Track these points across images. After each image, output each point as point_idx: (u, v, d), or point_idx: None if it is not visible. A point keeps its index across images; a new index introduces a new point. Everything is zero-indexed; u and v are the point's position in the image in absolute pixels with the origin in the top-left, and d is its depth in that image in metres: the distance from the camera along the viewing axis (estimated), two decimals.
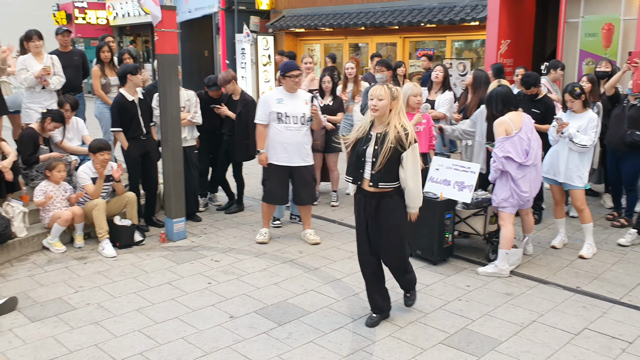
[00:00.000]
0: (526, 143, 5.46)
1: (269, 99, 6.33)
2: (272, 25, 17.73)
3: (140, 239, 6.48)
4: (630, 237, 6.41)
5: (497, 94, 5.66)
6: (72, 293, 5.19)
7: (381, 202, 4.38)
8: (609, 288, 5.34)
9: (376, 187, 4.34)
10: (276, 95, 6.36)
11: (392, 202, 4.38)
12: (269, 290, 5.28)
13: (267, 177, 6.51)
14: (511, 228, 5.57)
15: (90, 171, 6.42)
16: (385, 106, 4.29)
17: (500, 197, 5.55)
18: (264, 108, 6.32)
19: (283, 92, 6.35)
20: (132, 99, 6.70)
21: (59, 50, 8.33)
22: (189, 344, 4.31)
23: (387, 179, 4.32)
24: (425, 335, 4.45)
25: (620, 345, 4.32)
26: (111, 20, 24.38)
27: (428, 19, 13.78)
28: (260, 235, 6.59)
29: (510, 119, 5.49)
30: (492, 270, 5.62)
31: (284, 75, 6.27)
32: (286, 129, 6.28)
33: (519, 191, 5.49)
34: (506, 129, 5.44)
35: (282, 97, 6.32)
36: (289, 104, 6.28)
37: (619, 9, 10.52)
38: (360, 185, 4.47)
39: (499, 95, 5.65)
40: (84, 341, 4.34)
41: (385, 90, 4.29)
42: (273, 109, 6.26)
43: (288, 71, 6.23)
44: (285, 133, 6.28)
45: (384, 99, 4.28)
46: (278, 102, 6.28)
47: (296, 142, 6.32)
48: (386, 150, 4.24)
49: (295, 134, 6.30)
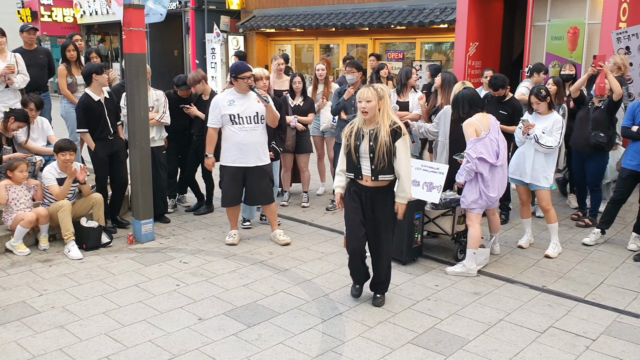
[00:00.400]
0: (495, 144, 5.54)
1: (219, 102, 6.26)
2: (243, 25, 17.65)
3: (107, 240, 6.39)
4: (594, 236, 6.53)
5: (464, 96, 5.72)
6: (36, 296, 5.09)
7: (376, 196, 4.72)
8: (573, 287, 5.44)
9: (377, 180, 4.66)
10: (227, 97, 6.29)
11: (387, 197, 4.75)
12: (239, 291, 5.26)
13: (222, 179, 6.47)
14: (478, 228, 5.63)
15: (55, 172, 6.31)
16: (374, 107, 4.59)
17: (469, 200, 5.61)
18: (215, 111, 6.25)
19: (234, 94, 6.29)
20: (98, 99, 6.61)
21: (23, 48, 8.16)
22: (156, 347, 4.26)
23: (385, 172, 4.64)
24: (394, 335, 4.47)
25: (584, 342, 4.40)
26: (78, 18, 23.97)
27: (398, 21, 13.87)
28: (230, 237, 6.55)
29: (479, 120, 5.55)
30: (460, 270, 5.67)
31: (235, 77, 6.20)
32: (241, 130, 6.22)
33: (488, 192, 5.55)
34: (476, 129, 5.50)
35: (233, 99, 6.26)
36: (240, 104, 6.22)
37: (583, 13, 10.73)
38: (355, 180, 4.76)
39: (465, 97, 5.71)
40: (48, 345, 4.26)
41: (372, 91, 4.58)
42: (225, 111, 6.20)
43: (240, 73, 6.16)
44: (240, 133, 6.23)
45: (372, 101, 4.58)
46: (230, 103, 6.22)
47: (252, 142, 6.27)
48: (382, 145, 4.55)
49: (250, 134, 6.26)
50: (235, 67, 6.23)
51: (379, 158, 4.56)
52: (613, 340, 4.43)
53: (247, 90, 6.24)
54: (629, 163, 6.30)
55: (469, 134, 5.53)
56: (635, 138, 6.23)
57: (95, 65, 6.66)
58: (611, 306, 5.02)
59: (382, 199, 4.74)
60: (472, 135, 5.50)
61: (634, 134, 6.21)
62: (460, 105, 5.73)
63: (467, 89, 5.81)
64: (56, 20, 24.03)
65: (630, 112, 6.34)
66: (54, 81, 9.51)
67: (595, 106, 6.90)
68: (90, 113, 6.56)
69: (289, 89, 7.95)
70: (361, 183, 4.73)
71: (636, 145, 6.24)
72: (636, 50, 8.46)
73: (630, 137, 6.31)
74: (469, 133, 5.52)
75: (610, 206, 6.54)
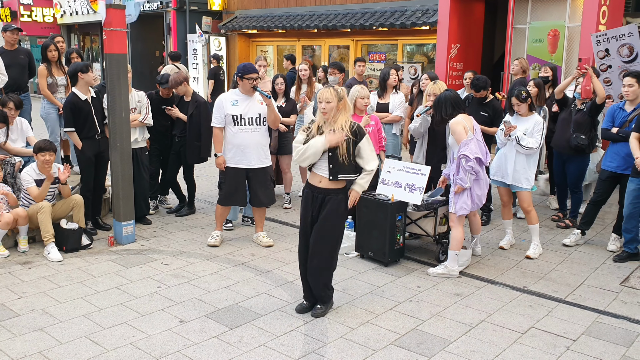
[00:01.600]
0: (483, 144, 5.62)
1: (223, 102, 6.25)
2: (225, 26, 17.59)
3: (87, 242, 6.32)
4: (575, 237, 6.60)
5: (446, 98, 5.73)
6: (16, 299, 5.02)
7: (326, 198, 4.66)
8: (554, 287, 5.48)
9: (335, 180, 4.62)
10: (231, 97, 6.28)
11: (337, 200, 4.65)
12: (220, 293, 5.23)
13: (223, 180, 6.44)
14: (461, 230, 5.66)
15: (34, 173, 6.23)
16: (333, 108, 4.59)
17: (459, 205, 5.60)
18: (219, 111, 6.24)
19: (238, 94, 6.28)
20: (85, 98, 6.56)
21: (4, 48, 8.06)
22: (137, 350, 4.22)
23: (345, 171, 4.62)
24: (376, 337, 4.48)
25: (565, 343, 4.44)
26: (59, 18, 23.72)
27: (380, 22, 13.91)
28: (212, 238, 6.52)
29: (464, 119, 5.59)
30: (442, 271, 5.70)
31: (241, 77, 6.19)
32: (241, 131, 6.22)
33: (479, 193, 5.59)
34: (464, 126, 5.51)
35: (237, 99, 6.25)
36: (244, 105, 6.22)
37: (563, 16, 10.85)
38: (309, 181, 4.76)
39: (448, 99, 5.72)
40: (28, 349, 4.20)
41: (332, 92, 4.60)
42: (228, 111, 6.19)
43: (246, 73, 6.16)
44: (241, 135, 6.22)
45: (332, 102, 4.59)
46: (233, 104, 6.22)
47: (253, 144, 6.27)
48: (342, 144, 4.55)
49: (251, 135, 6.25)
50: (243, 67, 6.22)
51: (339, 156, 4.55)
52: (593, 341, 4.48)
53: (252, 91, 6.21)
54: (609, 164, 6.37)
55: (458, 132, 5.51)
56: (615, 140, 6.30)
57: (81, 64, 6.60)
58: (591, 307, 5.08)
59: (332, 203, 4.64)
60: (462, 132, 5.48)
61: (614, 136, 6.28)
62: (442, 107, 5.74)
63: (449, 91, 5.83)
64: (36, 20, 23.77)
65: (610, 114, 6.41)
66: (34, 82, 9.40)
67: (577, 108, 6.98)
68: (77, 112, 6.50)
69: (272, 90, 7.93)
70: (314, 184, 4.70)
71: (616, 147, 6.31)
72: (615, 53, 8.57)
73: (610, 139, 6.38)
74: (459, 131, 5.50)
75: (590, 207, 6.61)
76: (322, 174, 4.65)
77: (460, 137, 5.51)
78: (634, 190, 6.00)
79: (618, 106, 6.41)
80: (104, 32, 6.26)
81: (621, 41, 8.49)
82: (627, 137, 6.07)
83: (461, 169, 5.49)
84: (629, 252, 6.15)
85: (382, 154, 6.77)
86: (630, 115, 6.22)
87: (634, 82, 6.17)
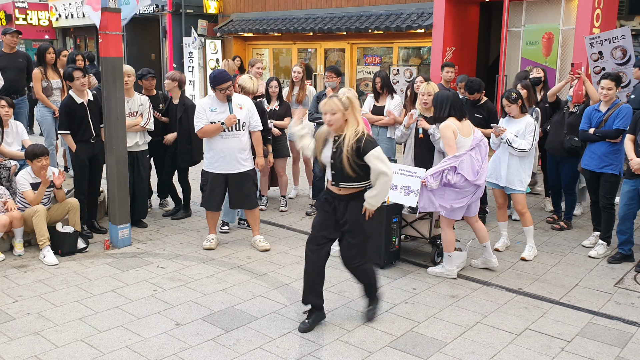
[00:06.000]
0: (476, 160, 5.50)
1: (204, 106, 6.23)
2: (220, 29, 17.59)
3: (83, 246, 6.32)
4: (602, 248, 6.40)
5: (447, 98, 5.62)
6: (11, 303, 5.02)
7: (349, 204, 4.46)
8: (549, 289, 5.50)
9: (338, 187, 4.44)
10: (209, 103, 6.26)
11: (359, 205, 4.43)
12: (216, 296, 5.24)
13: (204, 182, 6.45)
14: (449, 232, 5.64)
15: (29, 176, 6.23)
16: (340, 119, 4.34)
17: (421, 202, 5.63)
18: (201, 115, 6.20)
19: (215, 100, 6.25)
20: (81, 102, 6.57)
21: (3, 51, 8.07)
22: (133, 353, 4.22)
23: (347, 180, 4.38)
24: (372, 339, 4.49)
25: (560, 344, 4.46)
26: (54, 21, 23.68)
27: (375, 25, 13.93)
28: (207, 242, 6.52)
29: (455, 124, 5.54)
30: (439, 271, 5.73)
31: (214, 87, 6.15)
32: (221, 137, 6.20)
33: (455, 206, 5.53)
34: (453, 130, 5.48)
35: (214, 105, 6.22)
36: (222, 112, 6.18)
37: (558, 19, 10.89)
38: (328, 187, 4.59)
39: (449, 99, 5.61)
40: (24, 352, 4.20)
41: (336, 102, 4.33)
42: (208, 117, 6.18)
43: (218, 84, 6.09)
44: (221, 141, 6.21)
45: (337, 113, 4.33)
46: (211, 110, 6.20)
47: (233, 149, 6.25)
48: (345, 155, 4.29)
49: (231, 141, 6.23)
50: (214, 78, 6.15)
51: (340, 167, 4.34)
52: (588, 342, 4.50)
53: (225, 99, 6.19)
54: (587, 164, 6.48)
55: (447, 136, 5.50)
56: (592, 140, 6.40)
57: (66, 73, 6.61)
58: (586, 308, 5.10)
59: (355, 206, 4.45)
60: (451, 137, 5.47)
61: (591, 136, 6.38)
62: (442, 105, 5.62)
63: (450, 91, 5.77)
64: (31, 24, 23.72)
65: (587, 116, 6.52)
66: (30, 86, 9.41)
67: (570, 111, 7.02)
68: (72, 115, 6.51)
69: (265, 93, 7.95)
70: (334, 191, 4.51)
71: (593, 147, 6.43)
72: (609, 55, 8.62)
73: (588, 140, 6.49)
74: (447, 135, 5.49)
75: (593, 209, 6.70)
76: (330, 178, 4.53)
77: (448, 142, 5.48)
78: (628, 192, 6.04)
79: (594, 108, 6.50)
80: (99, 36, 6.27)
81: (614, 44, 8.54)
82: (603, 137, 6.27)
83: (439, 173, 5.46)
84: (622, 254, 6.18)
85: None
86: (605, 115, 6.30)
87: (612, 86, 6.23)
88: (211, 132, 6.18)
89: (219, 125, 6.12)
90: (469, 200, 5.55)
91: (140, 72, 7.53)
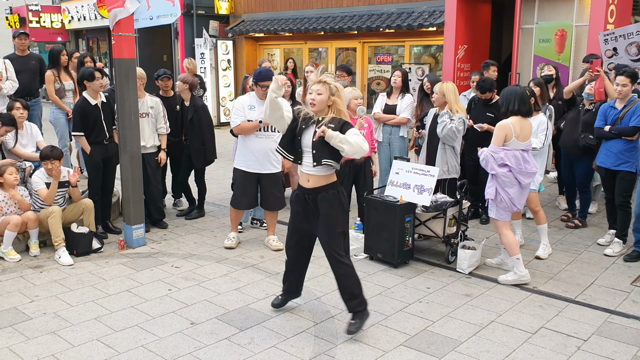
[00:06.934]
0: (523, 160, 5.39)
1: (243, 104, 6.26)
2: (232, 30, 17.64)
3: (98, 246, 6.36)
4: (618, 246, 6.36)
5: (516, 93, 5.43)
6: (28, 302, 5.07)
7: (317, 197, 4.40)
8: (564, 287, 5.47)
9: (319, 165, 4.29)
10: (248, 101, 6.29)
11: (328, 196, 4.38)
12: (231, 295, 5.25)
13: (234, 181, 6.49)
14: (508, 234, 5.52)
15: (44, 176, 6.28)
16: (323, 101, 4.30)
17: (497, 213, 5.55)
18: (240, 112, 6.22)
19: (255, 99, 6.27)
20: (95, 103, 6.61)
21: (16, 54, 8.15)
22: (149, 352, 4.25)
23: (328, 156, 4.27)
24: (386, 338, 4.48)
25: (576, 343, 4.43)
26: (67, 24, 23.86)
27: (387, 24, 13.91)
28: (229, 240, 6.55)
29: (513, 124, 5.34)
30: (512, 278, 5.54)
31: (256, 83, 6.17)
32: (256, 137, 6.24)
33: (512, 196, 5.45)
34: (507, 133, 5.31)
35: (254, 104, 6.25)
36: (260, 110, 6.17)
37: (571, 16, 10.81)
38: (299, 183, 4.51)
39: (518, 94, 5.43)
40: (41, 351, 4.24)
41: (324, 85, 4.29)
42: (247, 115, 6.21)
43: (261, 80, 6.10)
44: (256, 140, 6.24)
45: (323, 94, 4.29)
46: (250, 108, 6.23)
47: (267, 150, 6.27)
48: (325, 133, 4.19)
49: (266, 141, 6.26)
50: (258, 73, 6.17)
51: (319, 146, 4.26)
52: (604, 341, 4.47)
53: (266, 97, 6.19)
54: (603, 161, 6.41)
55: (497, 136, 5.36)
56: (608, 137, 6.33)
57: (87, 72, 6.64)
58: (602, 306, 5.06)
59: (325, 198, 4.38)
60: (502, 139, 5.32)
61: (607, 134, 6.31)
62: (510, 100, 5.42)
63: (519, 87, 5.54)
64: (44, 26, 23.92)
65: (602, 113, 6.44)
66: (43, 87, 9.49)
67: (585, 108, 6.97)
68: (86, 117, 6.56)
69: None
70: (304, 185, 4.44)
71: (609, 144, 6.35)
72: (623, 51, 8.54)
73: (603, 137, 6.41)
74: (499, 135, 5.35)
75: (608, 207, 6.63)
76: (308, 170, 4.39)
77: (497, 142, 5.36)
78: None
79: (609, 105, 6.43)
80: (112, 37, 6.31)
81: (629, 40, 8.45)
82: (619, 134, 6.18)
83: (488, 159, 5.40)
84: (639, 252, 6.13)
85: (373, 156, 6.76)
86: (621, 112, 6.24)
87: (628, 82, 6.16)
88: (248, 129, 6.20)
89: (256, 123, 6.15)
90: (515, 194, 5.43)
91: (156, 73, 7.58)
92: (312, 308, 4.99)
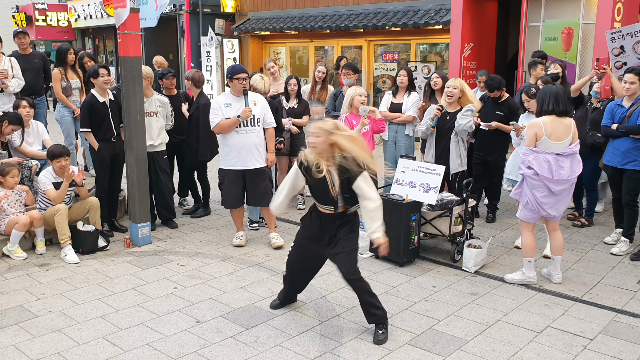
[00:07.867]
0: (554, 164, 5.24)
1: (219, 103, 6.28)
2: (238, 28, 17.65)
3: (104, 244, 6.37)
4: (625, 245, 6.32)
5: (551, 93, 5.31)
6: (34, 300, 5.08)
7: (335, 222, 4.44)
8: (570, 286, 5.45)
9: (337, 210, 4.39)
10: (224, 99, 6.32)
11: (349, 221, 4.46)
12: (236, 294, 5.25)
13: (222, 180, 6.49)
14: (529, 235, 5.46)
15: (51, 176, 6.29)
16: (323, 142, 4.21)
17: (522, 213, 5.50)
18: (217, 111, 6.23)
19: (230, 97, 6.31)
20: (103, 100, 6.62)
21: (18, 53, 8.16)
22: (154, 350, 4.25)
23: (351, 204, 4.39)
24: (392, 336, 4.47)
25: (582, 342, 4.41)
26: (73, 22, 23.93)
27: (393, 22, 13.89)
28: (237, 239, 6.55)
29: (544, 123, 5.22)
30: (519, 278, 5.51)
31: (231, 78, 6.21)
32: (237, 133, 6.23)
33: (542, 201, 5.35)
34: (537, 132, 5.22)
35: (229, 102, 6.27)
36: (237, 107, 6.22)
37: (577, 14, 10.77)
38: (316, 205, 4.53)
39: (553, 94, 5.31)
40: (46, 349, 4.25)
41: (319, 126, 4.21)
42: (224, 113, 6.22)
43: (235, 74, 6.18)
44: (237, 137, 6.24)
45: (321, 136, 4.20)
46: (226, 106, 6.24)
47: (249, 145, 6.28)
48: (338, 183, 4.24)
49: (246, 136, 6.26)
50: (232, 69, 6.25)
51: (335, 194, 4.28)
52: (611, 340, 4.45)
53: (241, 92, 6.24)
54: (610, 160, 6.37)
55: (527, 135, 5.29)
56: (615, 136, 6.29)
57: (91, 69, 6.66)
58: (608, 306, 5.04)
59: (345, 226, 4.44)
60: (532, 138, 5.23)
61: (614, 132, 6.26)
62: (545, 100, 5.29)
63: (555, 87, 5.43)
64: (51, 25, 24.00)
65: (609, 112, 6.40)
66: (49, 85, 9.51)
67: (593, 107, 6.94)
68: (94, 113, 6.57)
69: (284, 91, 7.97)
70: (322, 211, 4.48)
71: (616, 143, 6.30)
72: (631, 50, 8.49)
73: (610, 136, 6.36)
74: (529, 134, 5.27)
75: (615, 206, 6.59)
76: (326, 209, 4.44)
77: (528, 142, 5.28)
78: None
79: (616, 103, 6.39)
80: (118, 36, 6.32)
81: (636, 38, 8.41)
82: (627, 132, 6.13)
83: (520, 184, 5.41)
84: None
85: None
86: (629, 110, 6.20)
87: (636, 80, 6.12)
88: (227, 126, 6.20)
89: (235, 119, 6.16)
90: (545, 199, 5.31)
91: (160, 72, 7.60)
92: (317, 306, 4.99)
